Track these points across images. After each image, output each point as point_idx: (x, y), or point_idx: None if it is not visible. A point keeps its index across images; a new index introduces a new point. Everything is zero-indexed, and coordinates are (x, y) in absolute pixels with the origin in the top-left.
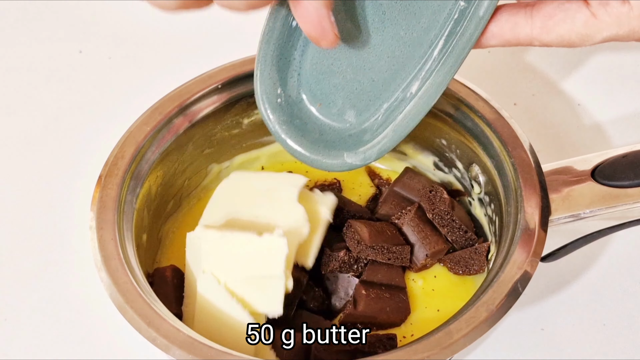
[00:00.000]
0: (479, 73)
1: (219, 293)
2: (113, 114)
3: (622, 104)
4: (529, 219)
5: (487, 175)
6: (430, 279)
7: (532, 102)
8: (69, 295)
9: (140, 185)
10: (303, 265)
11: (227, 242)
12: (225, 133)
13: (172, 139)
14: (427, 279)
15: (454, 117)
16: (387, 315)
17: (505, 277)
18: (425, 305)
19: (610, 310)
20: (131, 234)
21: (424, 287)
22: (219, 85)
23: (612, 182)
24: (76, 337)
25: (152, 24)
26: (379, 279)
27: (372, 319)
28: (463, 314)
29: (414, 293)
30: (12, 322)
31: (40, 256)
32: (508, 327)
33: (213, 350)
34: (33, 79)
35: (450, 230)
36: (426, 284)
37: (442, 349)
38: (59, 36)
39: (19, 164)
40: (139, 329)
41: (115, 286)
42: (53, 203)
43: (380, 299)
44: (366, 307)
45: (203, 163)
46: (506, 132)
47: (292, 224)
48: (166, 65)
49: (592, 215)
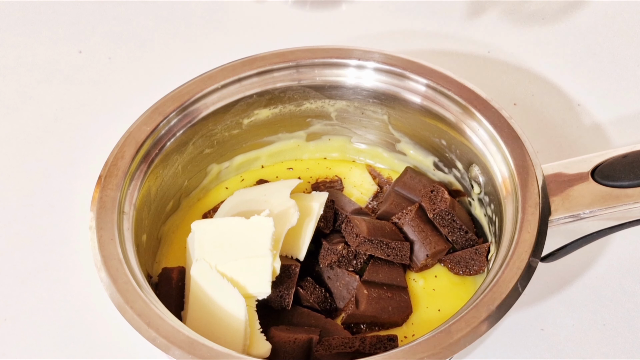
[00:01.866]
0: (479, 73)
1: (210, 276)
2: (113, 114)
3: (622, 104)
4: (528, 219)
5: (487, 175)
6: (431, 279)
7: (532, 102)
8: (69, 295)
9: (140, 185)
10: (295, 256)
11: (217, 227)
12: (225, 133)
13: (172, 139)
14: (428, 279)
15: (453, 117)
16: (388, 315)
17: (505, 277)
18: (427, 305)
19: (610, 310)
20: (131, 234)
21: (425, 287)
22: (219, 85)
23: (612, 182)
24: (76, 337)
25: (152, 24)
26: (380, 279)
27: (374, 318)
28: (463, 314)
29: (415, 293)
30: (12, 322)
31: (40, 256)
32: (508, 327)
33: (213, 351)
34: (33, 79)
35: (451, 231)
36: (427, 284)
37: (442, 349)
38: (59, 36)
39: (19, 164)
40: (139, 329)
41: (115, 286)
42: (53, 203)
43: (382, 298)
44: (368, 306)
45: (203, 163)
46: (506, 132)
47: (282, 210)
48: (166, 65)
49: (592, 215)
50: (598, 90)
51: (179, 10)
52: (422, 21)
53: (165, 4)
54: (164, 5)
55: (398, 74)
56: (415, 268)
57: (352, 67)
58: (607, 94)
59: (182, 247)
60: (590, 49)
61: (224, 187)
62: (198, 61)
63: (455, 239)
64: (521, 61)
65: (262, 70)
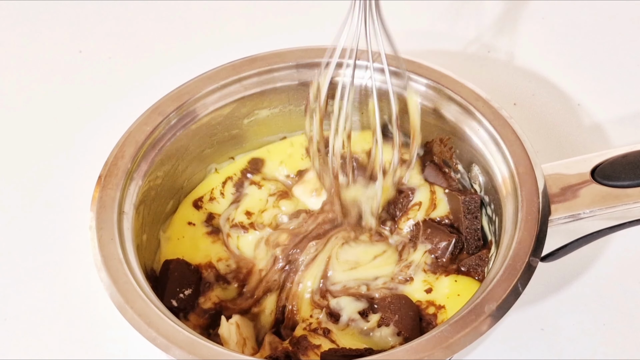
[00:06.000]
0: (479, 73)
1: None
2: (113, 114)
3: (622, 104)
4: (528, 219)
5: (487, 175)
6: (432, 279)
7: (532, 102)
8: (69, 295)
9: (140, 185)
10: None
11: None
12: (225, 133)
13: (172, 139)
14: (429, 279)
15: (453, 117)
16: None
17: (505, 277)
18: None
19: (610, 310)
20: (131, 234)
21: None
22: (218, 85)
23: (612, 182)
24: (76, 337)
25: (152, 24)
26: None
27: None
28: (463, 314)
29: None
30: (12, 322)
31: (40, 256)
32: (508, 327)
33: (213, 351)
34: (33, 79)
35: (469, 226)
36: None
37: (442, 349)
38: (59, 36)
39: (19, 163)
40: (139, 329)
41: (115, 286)
42: (53, 203)
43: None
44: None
45: (203, 163)
46: (506, 132)
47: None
48: (166, 65)
49: (592, 215)
50: (598, 90)
51: (179, 10)
52: (422, 21)
53: (165, 4)
54: (164, 5)
55: (398, 73)
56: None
57: (352, 67)
58: (607, 94)
59: (182, 246)
60: (590, 49)
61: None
62: (198, 61)
63: (467, 236)
64: (521, 61)
65: (262, 70)
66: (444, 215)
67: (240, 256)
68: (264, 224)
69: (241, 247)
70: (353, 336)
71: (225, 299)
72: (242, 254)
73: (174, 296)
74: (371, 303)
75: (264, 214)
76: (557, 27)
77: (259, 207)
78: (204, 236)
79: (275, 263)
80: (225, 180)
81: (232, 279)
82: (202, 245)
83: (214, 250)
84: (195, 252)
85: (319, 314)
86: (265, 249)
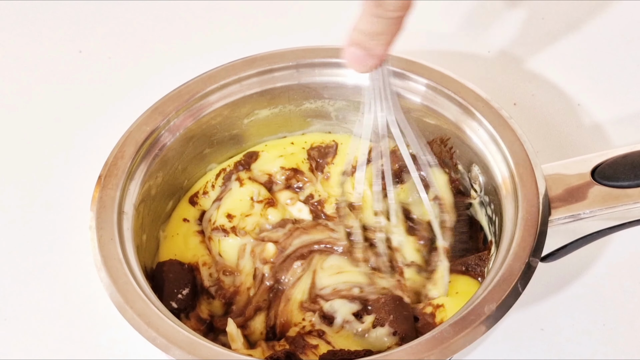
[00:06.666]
0: (479, 73)
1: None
2: (113, 114)
3: (622, 104)
4: (528, 219)
5: (487, 175)
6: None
7: (532, 102)
8: (69, 295)
9: (140, 185)
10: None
11: None
12: (225, 133)
13: (172, 139)
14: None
15: (453, 117)
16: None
17: (505, 277)
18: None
19: (610, 310)
20: (131, 234)
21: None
22: (219, 85)
23: (612, 182)
24: (76, 337)
25: (152, 24)
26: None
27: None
28: (463, 314)
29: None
30: (12, 322)
31: (40, 256)
32: (508, 327)
33: (213, 351)
34: (33, 79)
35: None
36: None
37: (442, 349)
38: (59, 36)
39: (19, 163)
40: (139, 329)
41: (115, 286)
42: (53, 203)
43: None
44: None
45: (203, 163)
46: (506, 132)
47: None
48: (166, 65)
49: (592, 215)
50: (598, 90)
51: (179, 10)
52: (423, 21)
53: (165, 4)
54: (164, 5)
55: (398, 74)
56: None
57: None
58: (607, 94)
59: (182, 246)
60: (590, 49)
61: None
62: (198, 61)
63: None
64: (521, 61)
65: (262, 70)
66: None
67: (223, 264)
68: (246, 231)
69: (223, 253)
70: (348, 338)
71: (214, 314)
72: (224, 261)
73: (173, 298)
74: (365, 304)
75: (248, 219)
76: (557, 27)
77: (241, 210)
78: (194, 234)
79: (263, 281)
80: (219, 172)
81: (215, 292)
82: (192, 243)
83: (200, 252)
84: (186, 250)
85: (312, 317)
86: (251, 260)
